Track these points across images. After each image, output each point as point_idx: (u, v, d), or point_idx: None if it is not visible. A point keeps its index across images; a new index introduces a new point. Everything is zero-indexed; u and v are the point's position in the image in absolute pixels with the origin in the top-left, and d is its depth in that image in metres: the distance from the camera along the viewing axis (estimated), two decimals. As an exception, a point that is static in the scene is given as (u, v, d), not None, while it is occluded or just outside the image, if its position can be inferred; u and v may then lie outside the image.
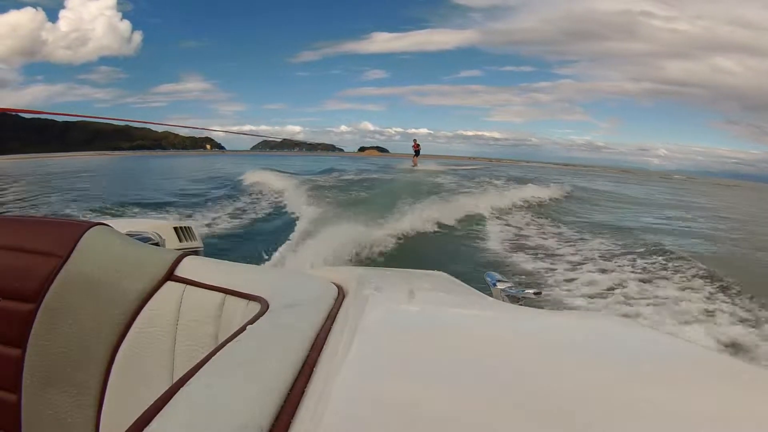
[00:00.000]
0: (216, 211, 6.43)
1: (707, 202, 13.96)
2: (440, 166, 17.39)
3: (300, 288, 0.58)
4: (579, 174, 26.49)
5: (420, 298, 0.65)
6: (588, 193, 12.04)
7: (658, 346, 0.45)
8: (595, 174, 29.40)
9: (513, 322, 0.56)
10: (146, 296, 0.58)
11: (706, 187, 26.78)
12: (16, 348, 0.57)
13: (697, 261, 4.00)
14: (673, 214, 8.83)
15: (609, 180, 22.23)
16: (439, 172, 14.49)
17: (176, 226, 1.53)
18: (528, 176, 14.62)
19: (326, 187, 8.70)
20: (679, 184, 27.62)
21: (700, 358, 0.43)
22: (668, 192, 17.31)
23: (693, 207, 11.21)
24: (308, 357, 0.38)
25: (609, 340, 0.47)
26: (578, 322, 0.57)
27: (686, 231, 6.62)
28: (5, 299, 0.57)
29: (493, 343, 0.45)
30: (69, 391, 0.56)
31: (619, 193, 13.64)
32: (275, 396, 0.31)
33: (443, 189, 8.89)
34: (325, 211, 5.63)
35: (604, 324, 0.55)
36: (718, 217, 9.32)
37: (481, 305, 0.63)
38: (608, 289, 3.45)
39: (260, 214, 6.45)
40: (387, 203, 6.04)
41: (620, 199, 11.69)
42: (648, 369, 0.39)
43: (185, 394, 0.31)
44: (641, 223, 7.08)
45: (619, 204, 10.23)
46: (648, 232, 5.96)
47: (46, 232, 0.62)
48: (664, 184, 24.38)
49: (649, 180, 29.04)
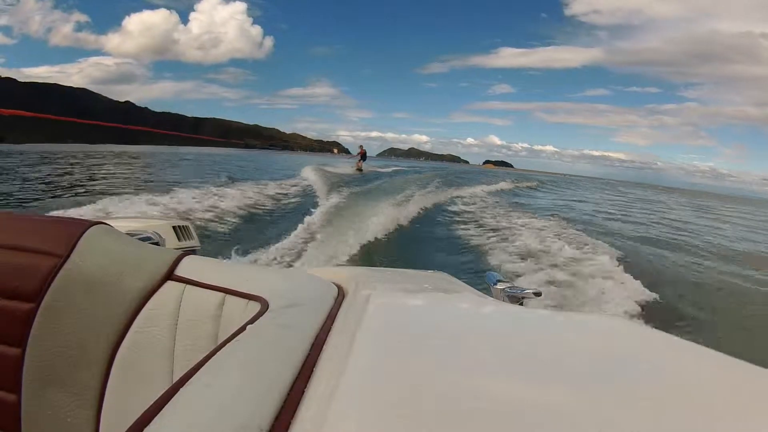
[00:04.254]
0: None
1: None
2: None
3: (300, 288, 0.58)
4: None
5: (420, 298, 0.65)
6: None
7: (660, 347, 0.45)
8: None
9: (513, 322, 0.56)
10: (146, 296, 0.58)
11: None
12: (15, 347, 0.57)
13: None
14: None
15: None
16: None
17: (175, 226, 1.53)
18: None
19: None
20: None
21: (703, 358, 0.43)
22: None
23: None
24: (308, 357, 0.38)
25: (610, 341, 0.47)
26: (579, 322, 0.57)
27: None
28: (4, 298, 0.57)
29: (494, 343, 0.45)
30: (69, 391, 0.56)
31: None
32: (275, 396, 0.31)
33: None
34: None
35: (605, 324, 0.55)
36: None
37: (481, 305, 0.63)
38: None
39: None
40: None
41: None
42: (649, 369, 0.39)
43: (185, 394, 0.31)
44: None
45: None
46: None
47: (45, 231, 0.62)
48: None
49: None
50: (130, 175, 10.96)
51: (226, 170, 13.42)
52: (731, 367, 0.40)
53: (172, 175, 11.41)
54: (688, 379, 0.37)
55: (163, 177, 10.91)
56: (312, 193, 8.74)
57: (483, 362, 0.38)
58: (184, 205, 5.62)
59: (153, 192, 6.40)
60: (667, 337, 0.47)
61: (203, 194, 6.67)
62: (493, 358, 0.40)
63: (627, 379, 0.36)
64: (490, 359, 0.39)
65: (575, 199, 15.56)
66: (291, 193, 8.62)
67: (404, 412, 0.29)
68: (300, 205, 7.34)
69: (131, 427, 0.28)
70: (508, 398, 0.32)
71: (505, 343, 0.45)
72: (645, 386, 0.35)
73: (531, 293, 0.91)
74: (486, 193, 12.15)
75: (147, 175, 11.14)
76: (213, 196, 6.67)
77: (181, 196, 6.14)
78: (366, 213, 5.69)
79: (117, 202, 5.41)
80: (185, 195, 6.31)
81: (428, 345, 0.42)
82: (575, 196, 17.36)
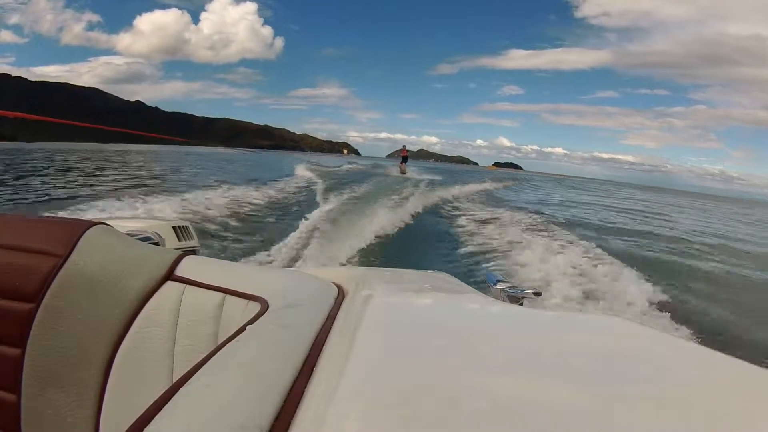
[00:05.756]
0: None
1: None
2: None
3: (300, 288, 0.58)
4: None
5: (420, 298, 0.65)
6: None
7: (660, 346, 0.45)
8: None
9: (513, 322, 0.56)
10: (146, 296, 0.58)
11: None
12: (15, 347, 0.57)
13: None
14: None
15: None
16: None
17: (175, 226, 1.53)
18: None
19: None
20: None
21: (703, 358, 0.43)
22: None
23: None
24: (308, 357, 0.38)
25: (610, 341, 0.47)
26: (579, 322, 0.57)
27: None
28: (4, 298, 0.57)
29: (494, 343, 0.45)
30: (69, 391, 0.56)
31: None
32: (275, 396, 0.31)
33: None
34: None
35: (605, 324, 0.55)
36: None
37: (481, 305, 0.63)
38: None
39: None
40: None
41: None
42: (649, 369, 0.39)
43: (185, 394, 0.31)
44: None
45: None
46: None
47: (45, 231, 0.62)
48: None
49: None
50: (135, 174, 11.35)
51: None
52: (731, 367, 0.40)
53: (174, 177, 11.66)
54: (688, 379, 0.37)
55: (168, 178, 11.20)
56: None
57: (483, 362, 0.38)
58: (188, 205, 5.67)
59: (150, 194, 6.47)
60: (666, 337, 0.47)
61: (204, 194, 6.72)
62: (493, 358, 0.40)
63: (627, 378, 0.36)
64: (490, 359, 0.39)
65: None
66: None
67: (404, 412, 0.29)
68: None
69: (131, 427, 0.28)
70: (508, 398, 0.32)
71: (505, 343, 0.45)
72: (645, 386, 0.35)
73: (531, 293, 0.91)
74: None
75: (150, 178, 11.40)
76: (220, 196, 6.76)
77: (187, 196, 6.24)
78: (366, 213, 5.75)
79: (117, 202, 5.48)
80: (191, 196, 6.40)
81: (428, 345, 0.42)
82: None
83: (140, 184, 8.89)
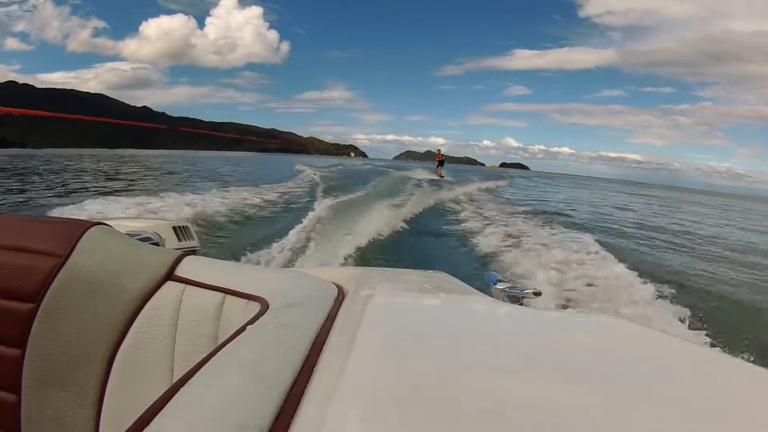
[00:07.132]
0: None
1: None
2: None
3: (300, 288, 0.58)
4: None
5: (420, 298, 0.65)
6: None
7: (660, 346, 0.45)
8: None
9: (513, 322, 0.56)
10: (146, 296, 0.58)
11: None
12: (15, 348, 0.57)
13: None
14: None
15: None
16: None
17: (175, 226, 1.53)
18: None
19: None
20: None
21: (702, 358, 0.43)
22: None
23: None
24: (308, 357, 0.38)
25: (610, 340, 0.47)
26: (579, 322, 0.57)
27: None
28: (4, 299, 0.57)
29: (494, 342, 0.45)
30: (69, 391, 0.56)
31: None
32: (275, 396, 0.31)
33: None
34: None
35: (605, 324, 0.55)
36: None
37: (481, 305, 0.63)
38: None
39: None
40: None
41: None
42: (649, 369, 0.39)
43: (185, 394, 0.31)
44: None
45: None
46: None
47: (45, 232, 0.62)
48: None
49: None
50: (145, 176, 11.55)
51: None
52: (731, 367, 0.40)
53: (176, 177, 11.72)
54: (688, 379, 0.37)
55: (171, 180, 11.27)
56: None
57: (483, 362, 0.38)
58: (189, 205, 5.69)
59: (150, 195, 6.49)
60: (666, 337, 0.47)
61: (206, 194, 6.72)
62: (493, 357, 0.40)
63: (627, 378, 0.36)
64: (490, 359, 0.39)
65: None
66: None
67: (404, 412, 0.29)
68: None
69: (131, 427, 0.28)
70: (508, 398, 0.32)
71: (505, 343, 0.45)
72: (645, 386, 0.35)
73: (531, 293, 0.91)
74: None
75: (154, 180, 11.49)
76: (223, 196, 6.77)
77: (187, 198, 6.25)
78: (366, 211, 5.76)
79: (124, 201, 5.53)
80: (191, 197, 6.42)
81: (428, 345, 0.42)
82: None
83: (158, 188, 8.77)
